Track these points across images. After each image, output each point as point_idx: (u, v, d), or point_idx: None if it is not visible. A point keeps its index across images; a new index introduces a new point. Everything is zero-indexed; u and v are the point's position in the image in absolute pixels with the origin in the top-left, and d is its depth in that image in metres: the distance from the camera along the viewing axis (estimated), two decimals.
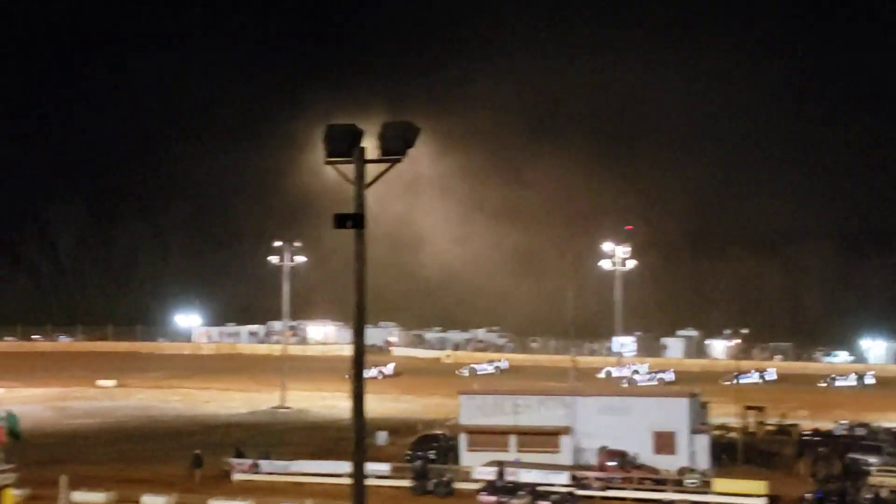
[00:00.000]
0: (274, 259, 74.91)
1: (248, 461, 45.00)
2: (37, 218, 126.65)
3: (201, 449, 45.72)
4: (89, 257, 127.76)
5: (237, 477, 44.17)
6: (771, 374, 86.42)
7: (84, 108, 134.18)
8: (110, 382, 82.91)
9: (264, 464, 44.85)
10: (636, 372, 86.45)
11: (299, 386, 77.21)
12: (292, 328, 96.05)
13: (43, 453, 44.93)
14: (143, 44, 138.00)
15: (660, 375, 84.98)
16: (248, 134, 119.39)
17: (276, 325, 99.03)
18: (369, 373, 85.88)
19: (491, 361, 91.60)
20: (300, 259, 75.48)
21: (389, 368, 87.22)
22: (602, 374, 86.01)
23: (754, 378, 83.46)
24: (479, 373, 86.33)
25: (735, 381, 74.15)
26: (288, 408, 69.62)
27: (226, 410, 69.89)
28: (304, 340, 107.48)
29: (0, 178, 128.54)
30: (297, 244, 74.88)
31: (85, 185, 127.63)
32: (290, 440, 55.42)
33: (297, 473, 44.06)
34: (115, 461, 48.53)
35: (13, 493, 25.14)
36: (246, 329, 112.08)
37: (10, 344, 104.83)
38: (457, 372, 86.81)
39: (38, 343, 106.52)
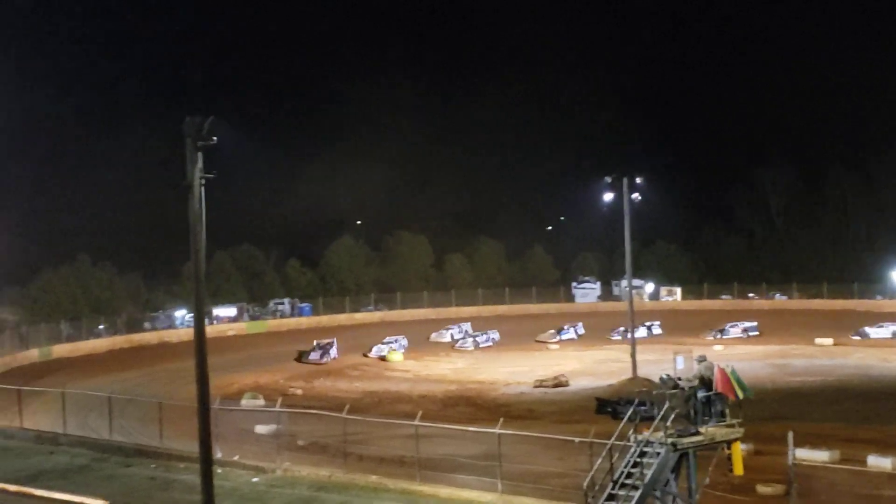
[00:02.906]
0: None
1: None
2: (749, 180, 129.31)
3: None
4: (800, 215, 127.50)
5: None
6: None
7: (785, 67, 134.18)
8: (828, 341, 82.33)
9: None
10: (467, 333, 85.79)
11: None
12: None
13: (764, 409, 45.57)
14: None
15: (487, 336, 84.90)
16: None
17: None
18: None
19: None
20: None
21: None
22: (435, 336, 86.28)
23: None
24: None
25: None
26: None
27: None
28: None
29: (716, 145, 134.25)
30: None
31: (794, 144, 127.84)
32: None
33: None
34: (837, 420, 47.75)
35: (741, 448, 25.85)
36: None
37: (725, 302, 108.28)
38: None
39: (754, 301, 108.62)
